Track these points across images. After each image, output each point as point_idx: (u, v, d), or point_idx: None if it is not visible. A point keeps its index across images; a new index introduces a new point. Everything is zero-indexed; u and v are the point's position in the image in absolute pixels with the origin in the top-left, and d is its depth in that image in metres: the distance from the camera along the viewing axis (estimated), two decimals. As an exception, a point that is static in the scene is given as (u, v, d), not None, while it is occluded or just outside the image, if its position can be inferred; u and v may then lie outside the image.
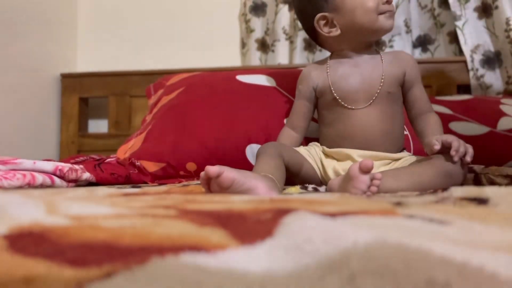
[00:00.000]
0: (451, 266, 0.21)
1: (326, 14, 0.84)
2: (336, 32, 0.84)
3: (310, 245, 0.25)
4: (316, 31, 0.87)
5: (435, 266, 0.21)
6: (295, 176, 0.81)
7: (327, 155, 0.86)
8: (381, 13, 0.82)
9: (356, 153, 0.81)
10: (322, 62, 0.91)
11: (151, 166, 1.01)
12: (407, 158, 0.81)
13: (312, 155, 0.85)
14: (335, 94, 0.85)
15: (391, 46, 1.57)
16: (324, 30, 0.85)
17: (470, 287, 0.20)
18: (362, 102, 0.83)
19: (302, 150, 0.86)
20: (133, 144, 1.11)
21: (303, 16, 0.91)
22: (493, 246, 0.25)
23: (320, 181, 0.84)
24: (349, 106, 0.84)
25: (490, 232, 0.29)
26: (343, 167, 0.80)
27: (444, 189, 0.54)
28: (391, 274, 0.21)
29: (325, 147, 0.86)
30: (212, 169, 0.56)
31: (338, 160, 0.84)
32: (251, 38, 1.66)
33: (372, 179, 0.59)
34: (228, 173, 0.57)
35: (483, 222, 0.31)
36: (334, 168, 0.82)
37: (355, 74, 0.85)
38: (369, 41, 0.88)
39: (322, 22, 0.85)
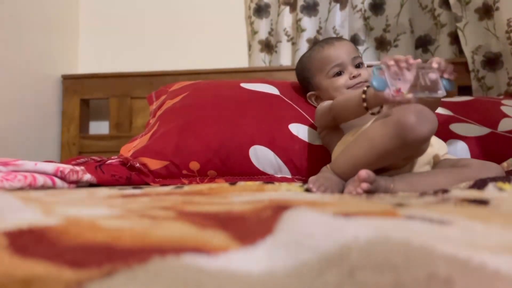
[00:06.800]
0: (453, 263, 0.21)
1: (313, 92, 1.04)
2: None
3: (310, 240, 0.25)
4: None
5: (437, 262, 0.21)
6: None
7: None
8: (349, 87, 0.95)
9: None
10: None
11: (154, 164, 1.01)
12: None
13: None
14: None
15: (396, 46, 1.57)
16: (315, 103, 1.06)
17: (473, 283, 0.19)
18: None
19: None
20: (137, 144, 1.11)
21: (303, 88, 1.11)
22: (494, 246, 0.24)
23: None
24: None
25: (491, 232, 0.29)
26: None
27: (445, 190, 0.54)
28: (392, 269, 0.21)
29: None
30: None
31: None
32: (255, 40, 1.66)
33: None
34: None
35: (484, 222, 0.31)
36: None
37: None
38: None
39: (313, 98, 1.06)
